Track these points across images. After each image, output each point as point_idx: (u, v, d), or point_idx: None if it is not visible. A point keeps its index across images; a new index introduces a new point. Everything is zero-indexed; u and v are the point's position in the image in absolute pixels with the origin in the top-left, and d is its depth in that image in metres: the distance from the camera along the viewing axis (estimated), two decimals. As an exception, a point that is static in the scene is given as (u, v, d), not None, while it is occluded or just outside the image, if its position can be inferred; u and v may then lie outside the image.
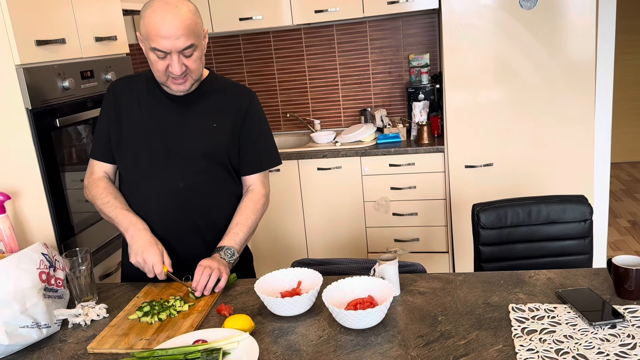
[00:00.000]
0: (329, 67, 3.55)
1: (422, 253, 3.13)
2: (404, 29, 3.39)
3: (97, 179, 1.60)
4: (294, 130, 3.71)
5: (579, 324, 1.17)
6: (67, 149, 2.12)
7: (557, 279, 1.38)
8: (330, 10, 3.06)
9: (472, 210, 1.84)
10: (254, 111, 1.61)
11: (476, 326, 1.19)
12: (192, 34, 1.41)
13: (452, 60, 2.78)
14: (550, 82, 2.73)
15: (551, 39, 2.68)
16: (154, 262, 1.45)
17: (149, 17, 1.39)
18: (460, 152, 2.89)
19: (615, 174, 5.19)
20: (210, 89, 1.58)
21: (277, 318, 1.31)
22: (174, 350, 1.15)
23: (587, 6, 2.62)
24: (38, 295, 1.29)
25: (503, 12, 2.68)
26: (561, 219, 1.78)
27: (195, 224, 1.57)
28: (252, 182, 1.64)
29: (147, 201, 1.56)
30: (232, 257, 1.52)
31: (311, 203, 3.19)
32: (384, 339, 1.17)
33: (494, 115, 2.82)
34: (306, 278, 1.42)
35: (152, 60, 1.44)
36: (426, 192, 3.04)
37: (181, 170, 1.54)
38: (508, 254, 1.81)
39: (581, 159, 2.80)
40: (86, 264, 1.46)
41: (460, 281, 1.42)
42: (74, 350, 1.26)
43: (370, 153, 3.03)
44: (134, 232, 1.49)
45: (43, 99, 1.96)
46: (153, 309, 1.37)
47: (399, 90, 3.49)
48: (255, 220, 1.59)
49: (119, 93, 1.58)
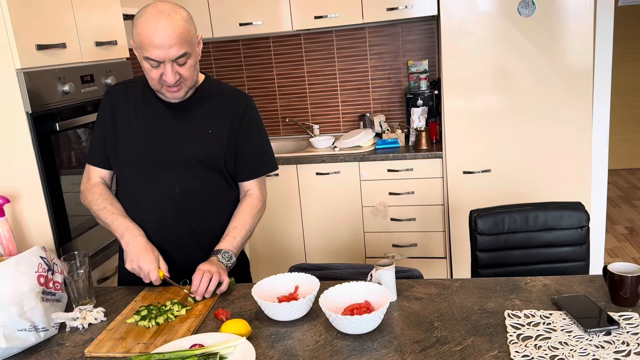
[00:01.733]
0: (328, 73, 3.56)
1: (420, 258, 3.14)
2: (403, 35, 3.41)
3: (94, 185, 1.61)
4: (292, 135, 3.72)
5: (574, 330, 1.18)
6: (66, 152, 2.12)
7: (553, 285, 1.39)
8: (330, 16, 3.08)
9: (470, 216, 1.85)
10: (250, 116, 1.61)
11: (472, 332, 1.20)
12: (186, 43, 1.40)
13: (451, 66, 2.80)
14: (548, 89, 2.75)
15: (549, 46, 2.69)
16: (150, 268, 1.45)
17: (141, 25, 1.38)
18: (459, 158, 2.90)
19: (613, 181, 5.20)
20: (206, 94, 1.58)
21: (274, 323, 1.31)
22: (171, 354, 1.16)
23: (585, 14, 2.64)
24: (36, 299, 1.30)
25: (501, 19, 2.70)
26: (558, 225, 1.79)
27: (191, 229, 1.58)
28: (250, 187, 1.64)
29: (143, 206, 1.56)
30: (229, 261, 1.52)
31: (309, 208, 3.20)
32: (381, 345, 1.18)
33: (492, 122, 2.83)
34: (303, 283, 1.42)
35: (145, 68, 1.44)
36: (424, 197, 3.05)
37: (177, 175, 1.54)
38: (505, 260, 1.82)
39: (579, 165, 2.81)
40: (84, 268, 1.46)
41: (456, 287, 1.42)
42: (72, 354, 1.26)
43: (369, 158, 3.04)
44: (130, 238, 1.50)
45: (43, 103, 1.97)
46: (150, 312, 1.37)
47: (398, 96, 3.51)
48: (252, 225, 1.60)
49: (115, 98, 1.59)
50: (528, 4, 2.66)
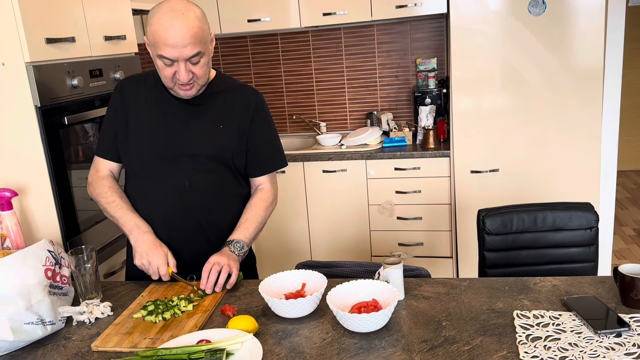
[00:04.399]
0: (336, 70, 3.55)
1: (426, 258, 3.13)
2: (412, 33, 3.40)
3: (103, 177, 1.61)
4: (299, 132, 3.71)
5: (584, 331, 1.17)
6: (75, 146, 2.13)
7: (563, 286, 1.38)
8: (338, 13, 3.07)
9: (478, 215, 1.84)
10: (261, 112, 1.61)
11: (480, 332, 1.19)
12: (199, 42, 1.40)
13: (460, 65, 2.78)
14: (557, 88, 2.73)
15: (559, 46, 2.67)
16: (159, 264, 1.46)
17: (155, 24, 1.38)
18: (466, 157, 2.88)
19: (621, 182, 5.16)
20: (218, 90, 1.58)
21: (281, 320, 1.31)
22: (177, 350, 1.16)
23: (596, 13, 2.61)
24: (43, 292, 1.30)
25: (511, 18, 2.68)
26: (567, 226, 1.78)
27: (199, 223, 1.58)
28: (261, 182, 1.65)
29: (151, 200, 1.57)
30: (241, 250, 1.52)
31: (316, 205, 3.19)
32: (388, 343, 1.17)
33: (500, 121, 2.81)
34: (310, 280, 1.42)
35: (159, 66, 1.44)
36: (431, 196, 3.03)
37: (187, 170, 1.54)
38: (513, 260, 1.81)
39: (587, 166, 2.79)
40: (91, 262, 1.46)
41: (465, 286, 1.41)
42: (78, 348, 1.26)
43: (376, 156, 3.03)
44: (138, 235, 1.50)
45: (52, 96, 1.98)
46: (157, 308, 1.37)
47: (406, 94, 3.49)
48: (264, 218, 1.61)
49: (126, 92, 1.59)
50: (538, 3, 2.64)
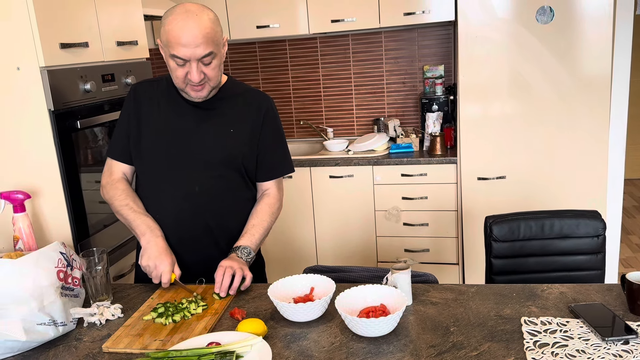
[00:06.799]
0: (344, 76, 3.57)
1: (432, 264, 3.13)
2: (420, 40, 3.41)
3: (117, 180, 1.63)
4: (307, 137, 3.73)
5: (592, 338, 1.17)
6: (85, 150, 2.15)
7: (570, 293, 1.38)
8: (346, 20, 3.09)
9: (485, 222, 1.84)
10: (272, 118, 1.63)
11: (488, 338, 1.20)
12: (212, 43, 1.43)
13: (467, 72, 2.79)
14: (565, 96, 2.73)
15: (567, 54, 2.68)
16: (164, 270, 1.48)
17: (170, 24, 1.41)
18: (473, 164, 2.89)
19: (628, 191, 5.14)
20: (229, 95, 1.61)
21: (290, 323, 1.32)
22: (188, 352, 1.17)
23: (604, 21, 2.62)
24: (55, 294, 1.31)
25: (519, 25, 2.69)
26: (574, 233, 1.78)
27: (208, 226, 1.60)
28: (268, 187, 1.66)
29: (162, 203, 1.59)
30: (248, 256, 1.54)
31: (322, 210, 3.20)
32: (396, 348, 1.18)
33: (507, 128, 2.82)
34: (319, 284, 1.43)
35: (171, 67, 1.47)
36: (438, 203, 3.04)
37: (198, 173, 1.56)
38: (520, 267, 1.81)
39: (594, 174, 2.79)
40: (102, 264, 1.48)
41: (472, 293, 1.42)
42: (89, 349, 1.28)
43: (383, 162, 3.04)
44: (151, 238, 1.52)
45: (65, 100, 2.00)
46: (167, 310, 1.38)
47: (413, 100, 3.51)
48: (270, 223, 1.62)
49: (140, 96, 1.61)
50: (546, 11, 2.66)
